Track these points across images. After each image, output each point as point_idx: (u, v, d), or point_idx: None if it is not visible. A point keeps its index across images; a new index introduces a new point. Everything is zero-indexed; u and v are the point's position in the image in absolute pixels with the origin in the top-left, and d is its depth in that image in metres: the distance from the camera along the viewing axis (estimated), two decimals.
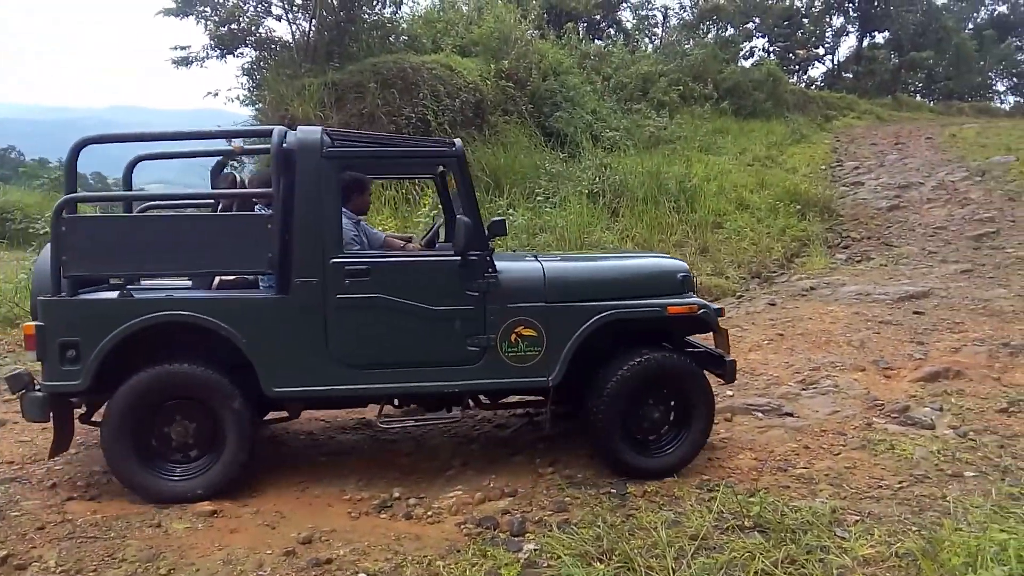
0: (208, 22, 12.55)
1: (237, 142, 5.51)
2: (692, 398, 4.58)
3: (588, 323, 4.39)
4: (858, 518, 3.97)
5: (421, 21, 15.77)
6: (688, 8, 28.97)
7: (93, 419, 4.44)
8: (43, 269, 4.35)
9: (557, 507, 4.14)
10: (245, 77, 13.61)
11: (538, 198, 11.63)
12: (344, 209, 4.43)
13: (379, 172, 6.11)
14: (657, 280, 4.78)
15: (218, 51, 12.84)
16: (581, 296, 4.48)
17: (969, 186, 14.81)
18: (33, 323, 4.02)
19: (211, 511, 4.01)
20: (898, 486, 4.43)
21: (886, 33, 32.85)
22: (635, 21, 26.51)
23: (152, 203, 5.56)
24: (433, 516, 4.07)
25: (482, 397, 4.84)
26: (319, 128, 4.33)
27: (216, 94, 13.05)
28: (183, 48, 12.80)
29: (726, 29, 28.25)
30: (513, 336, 4.35)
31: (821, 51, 33.41)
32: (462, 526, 3.95)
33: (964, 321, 7.98)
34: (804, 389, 6.19)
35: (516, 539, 3.79)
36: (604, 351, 4.54)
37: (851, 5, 32.34)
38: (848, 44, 34.13)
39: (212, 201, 5.24)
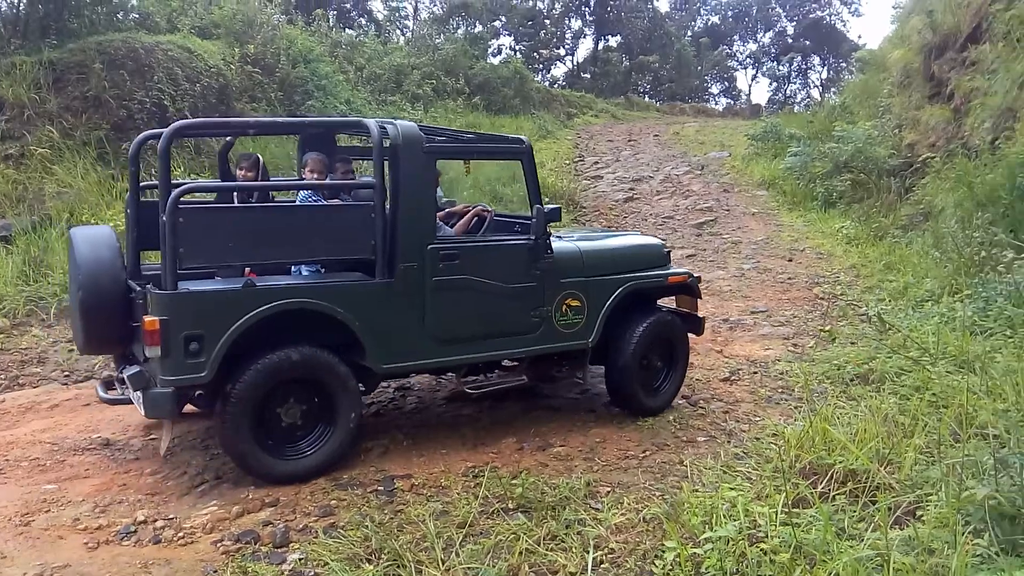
0: None
1: None
2: (678, 348, 5.65)
3: (617, 292, 5.32)
4: (609, 489, 4.27)
5: None
6: (438, 3, 29.42)
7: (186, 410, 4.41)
8: (91, 258, 4.26)
9: (323, 512, 4.00)
10: None
11: None
12: None
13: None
14: (652, 255, 5.84)
15: None
16: (608, 271, 5.39)
17: (691, 179, 16.53)
18: (155, 318, 3.87)
19: None
20: (643, 455, 4.83)
21: (619, 37, 35.62)
22: (386, 12, 26.41)
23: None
24: (185, 537, 3.74)
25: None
26: (415, 124, 4.78)
27: None
28: None
29: (475, 26, 29.04)
30: (563, 307, 5.12)
31: (562, 52, 35.56)
32: (219, 544, 3.68)
33: None
34: None
35: (279, 551, 3.61)
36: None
37: (587, 9, 34.67)
38: (586, 46, 36.63)
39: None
